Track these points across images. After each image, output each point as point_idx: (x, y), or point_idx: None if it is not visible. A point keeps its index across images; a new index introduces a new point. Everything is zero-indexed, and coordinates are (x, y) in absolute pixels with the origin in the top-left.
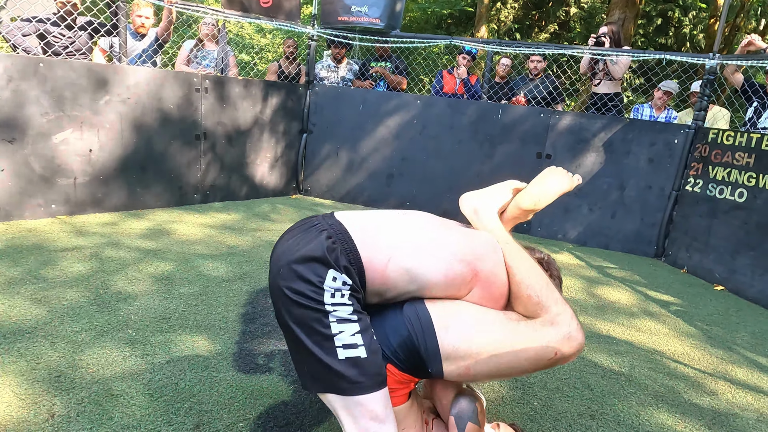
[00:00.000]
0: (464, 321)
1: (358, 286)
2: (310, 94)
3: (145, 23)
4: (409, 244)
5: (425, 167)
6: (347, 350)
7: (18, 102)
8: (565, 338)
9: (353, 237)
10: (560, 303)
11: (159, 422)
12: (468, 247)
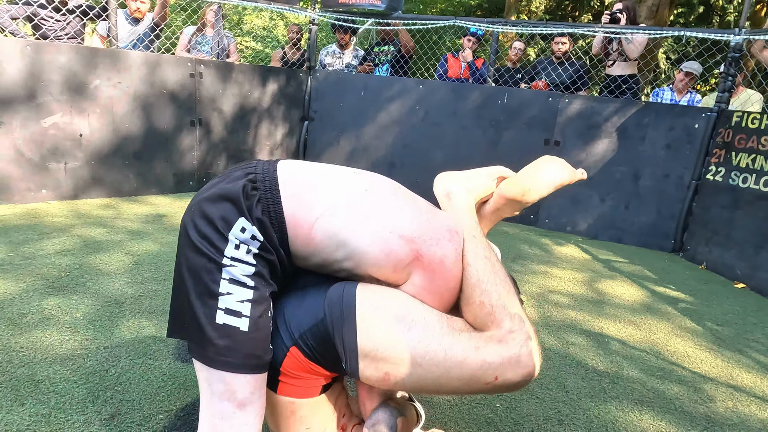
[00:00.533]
0: (394, 317)
1: (272, 246)
2: (311, 81)
3: (140, 8)
4: (347, 206)
5: (427, 155)
6: (228, 316)
7: (5, 85)
8: (511, 362)
9: (281, 188)
10: (517, 319)
11: (71, 411)
12: (417, 225)
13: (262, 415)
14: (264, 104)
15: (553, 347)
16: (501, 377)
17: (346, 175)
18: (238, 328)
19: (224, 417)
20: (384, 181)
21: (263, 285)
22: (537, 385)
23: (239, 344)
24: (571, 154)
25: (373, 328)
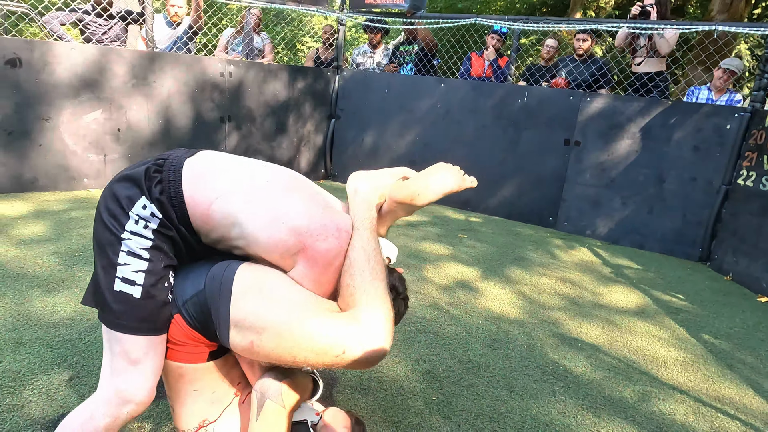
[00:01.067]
0: (265, 292)
1: (171, 223)
2: (338, 80)
3: (178, 12)
4: (246, 192)
5: (447, 154)
6: (123, 284)
7: (53, 84)
8: (359, 340)
9: (184, 173)
10: (377, 308)
11: (39, 371)
12: (307, 219)
13: (157, 373)
14: (292, 102)
15: (518, 347)
16: (348, 352)
17: (253, 167)
18: (132, 295)
19: (120, 373)
20: (288, 177)
21: (160, 258)
22: (483, 382)
23: (133, 309)
24: (592, 155)
25: (243, 302)
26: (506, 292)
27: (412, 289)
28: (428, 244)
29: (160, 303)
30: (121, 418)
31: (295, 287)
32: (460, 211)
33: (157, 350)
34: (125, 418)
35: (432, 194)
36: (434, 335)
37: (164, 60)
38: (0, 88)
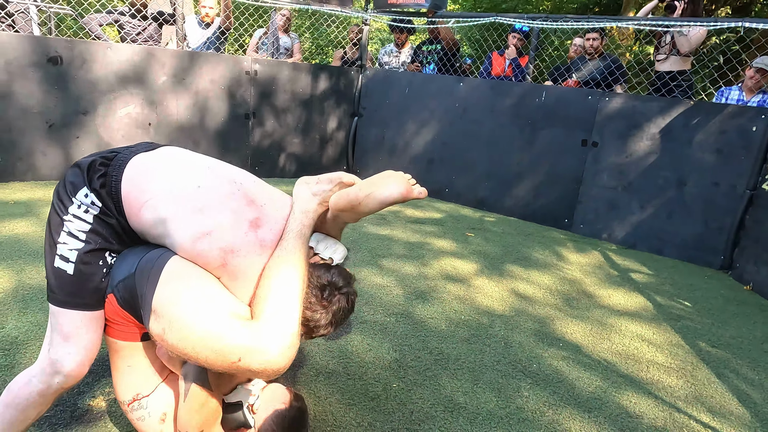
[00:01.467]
0: (185, 285)
1: (111, 212)
2: (361, 78)
3: (209, 13)
4: (174, 198)
5: (464, 153)
6: (60, 261)
7: (90, 80)
8: (255, 349)
9: (126, 170)
10: (283, 319)
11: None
12: (232, 236)
13: (89, 348)
14: (315, 100)
15: (495, 343)
16: (243, 360)
17: (191, 170)
18: (66, 271)
19: (54, 345)
20: (226, 182)
21: (97, 241)
22: (448, 374)
23: (65, 285)
24: (610, 156)
25: (164, 290)
26: (499, 289)
27: (403, 282)
28: (432, 240)
29: (91, 282)
30: (53, 387)
31: (214, 289)
32: (475, 210)
33: (90, 327)
34: (56, 388)
35: (374, 204)
36: (413, 326)
37: (194, 58)
38: (43, 83)
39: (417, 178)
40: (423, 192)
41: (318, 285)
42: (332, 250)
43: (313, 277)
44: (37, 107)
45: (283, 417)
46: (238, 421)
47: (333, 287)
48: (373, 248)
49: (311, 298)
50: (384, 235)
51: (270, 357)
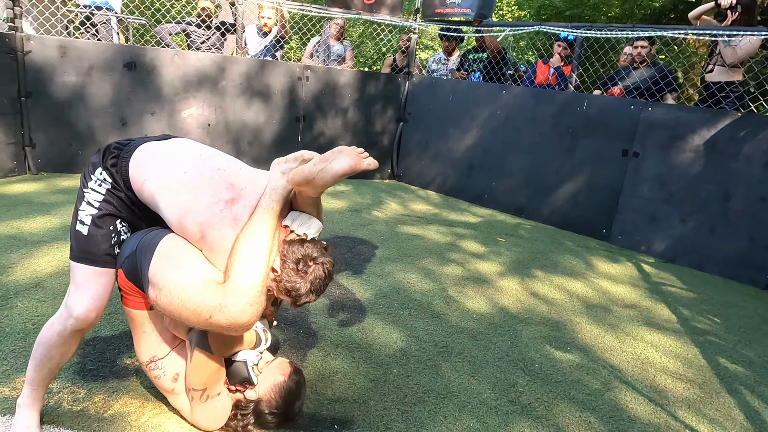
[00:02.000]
0: (172, 256)
1: (120, 187)
2: (408, 85)
3: (267, 23)
4: (166, 180)
5: (504, 160)
6: (79, 224)
7: (158, 84)
8: (220, 307)
9: (134, 155)
10: (245, 280)
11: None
12: (208, 212)
13: (97, 297)
14: (362, 105)
15: (501, 341)
16: (213, 317)
17: (183, 158)
18: (81, 232)
19: (70, 294)
20: (210, 169)
21: (108, 208)
22: (448, 365)
23: (80, 243)
24: (651, 167)
25: (157, 264)
26: (519, 292)
27: (424, 279)
28: (463, 242)
29: (101, 242)
30: (67, 329)
31: (196, 259)
32: (512, 217)
33: (97, 280)
34: (70, 330)
35: (328, 177)
36: (425, 321)
37: (251, 65)
38: (119, 86)
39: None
40: (372, 163)
41: (293, 259)
42: (306, 226)
43: (289, 252)
44: (112, 107)
45: (281, 387)
46: (242, 375)
47: (308, 258)
48: (403, 246)
49: (289, 271)
50: (416, 235)
51: (233, 313)
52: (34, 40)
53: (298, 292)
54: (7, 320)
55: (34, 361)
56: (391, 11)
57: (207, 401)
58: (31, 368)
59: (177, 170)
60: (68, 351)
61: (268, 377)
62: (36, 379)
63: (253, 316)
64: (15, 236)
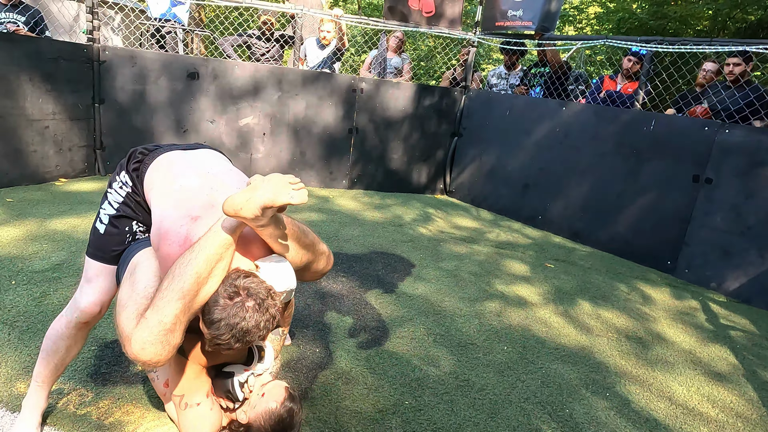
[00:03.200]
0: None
1: (138, 192)
2: (464, 99)
3: (326, 36)
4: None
5: (561, 180)
6: (98, 222)
7: (218, 93)
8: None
9: (154, 162)
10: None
11: None
12: (170, 227)
13: (102, 293)
14: (416, 118)
15: (528, 379)
16: (124, 347)
17: (186, 173)
18: (99, 230)
19: (79, 289)
20: (201, 185)
21: (126, 211)
22: (466, 402)
23: (96, 240)
24: (726, 195)
25: (125, 276)
26: (560, 323)
27: (458, 302)
28: (508, 264)
29: (113, 242)
30: (73, 321)
31: (148, 276)
32: (567, 241)
33: (106, 277)
34: (76, 322)
35: (253, 206)
36: (449, 348)
37: (307, 76)
38: (182, 95)
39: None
40: (297, 197)
41: (229, 285)
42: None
43: (230, 279)
44: (174, 114)
45: (271, 413)
46: (225, 388)
47: (243, 291)
48: (442, 266)
49: (218, 297)
50: (459, 254)
51: (134, 348)
52: (109, 51)
53: (211, 321)
54: (41, 316)
55: (42, 353)
56: (450, 24)
57: (186, 409)
58: (39, 362)
59: (175, 183)
60: (73, 346)
61: (261, 401)
62: (42, 374)
63: (155, 355)
64: (69, 234)
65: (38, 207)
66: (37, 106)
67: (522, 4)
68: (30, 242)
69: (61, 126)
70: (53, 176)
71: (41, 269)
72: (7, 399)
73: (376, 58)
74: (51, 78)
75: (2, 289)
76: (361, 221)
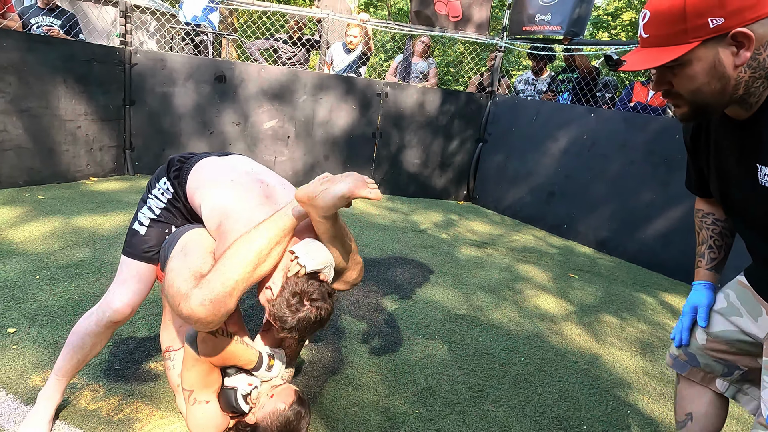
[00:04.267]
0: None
1: (179, 198)
2: (490, 105)
3: (353, 41)
4: (215, 187)
5: (588, 189)
6: (137, 224)
7: (245, 96)
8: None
9: (193, 168)
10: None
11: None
12: (231, 207)
13: (135, 294)
14: (441, 124)
15: (546, 392)
16: (180, 305)
17: (232, 171)
18: (139, 232)
19: (112, 289)
20: (253, 180)
21: (167, 216)
22: (478, 413)
23: (134, 239)
24: None
25: (175, 252)
26: (581, 336)
27: (474, 311)
28: (528, 273)
29: (152, 242)
30: (104, 320)
31: (198, 252)
32: (592, 251)
33: (140, 278)
34: (106, 321)
35: (328, 196)
36: (463, 358)
37: (332, 80)
38: (209, 98)
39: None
40: (374, 194)
41: (291, 291)
42: (310, 258)
43: (290, 283)
44: (201, 116)
45: (278, 415)
46: (229, 403)
47: (305, 296)
48: (461, 273)
49: (283, 301)
50: (479, 261)
51: (192, 304)
52: (140, 53)
53: (284, 325)
54: (60, 311)
55: (67, 348)
56: (477, 29)
57: (194, 405)
58: (62, 357)
59: (225, 179)
60: (99, 343)
61: (269, 402)
62: (63, 368)
63: (211, 314)
64: (94, 231)
65: (67, 204)
66: (70, 107)
67: (550, 8)
68: (57, 238)
69: (92, 126)
70: (84, 175)
71: (65, 265)
72: (23, 391)
73: (402, 63)
74: (84, 79)
75: (27, 284)
76: (382, 226)
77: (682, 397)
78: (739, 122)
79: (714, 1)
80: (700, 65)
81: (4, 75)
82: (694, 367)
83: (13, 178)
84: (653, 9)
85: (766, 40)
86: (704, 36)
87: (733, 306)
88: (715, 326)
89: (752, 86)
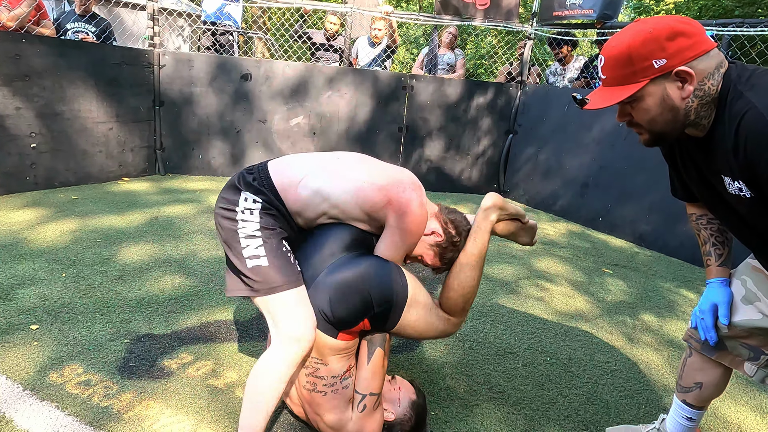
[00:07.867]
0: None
1: (272, 204)
2: (520, 95)
3: (377, 34)
4: (324, 169)
5: (625, 179)
6: (252, 261)
7: (270, 94)
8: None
9: (270, 167)
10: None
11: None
12: (385, 177)
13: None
14: (469, 116)
15: (572, 394)
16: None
17: (323, 155)
18: (262, 265)
19: (283, 324)
20: (354, 156)
21: (270, 232)
22: (498, 415)
23: (269, 274)
24: None
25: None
26: (613, 335)
27: (501, 307)
28: (561, 269)
29: (283, 261)
30: (298, 355)
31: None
32: (630, 245)
33: (303, 300)
34: (299, 356)
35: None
36: (485, 357)
37: (357, 75)
38: (235, 96)
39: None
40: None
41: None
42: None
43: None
44: (228, 115)
45: (414, 404)
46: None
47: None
48: (488, 268)
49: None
50: (508, 256)
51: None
52: (169, 55)
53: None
54: (82, 308)
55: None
56: (506, 16)
57: (377, 409)
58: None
59: (331, 159)
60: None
61: (402, 396)
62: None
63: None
64: (122, 230)
65: (99, 204)
66: (103, 109)
67: None
68: (85, 237)
69: (123, 128)
70: (116, 176)
71: (91, 263)
72: (39, 387)
73: (428, 55)
74: (114, 82)
75: (53, 281)
76: None
77: (695, 368)
78: (699, 140)
79: (655, 45)
80: (651, 99)
81: (38, 80)
82: (722, 351)
83: (50, 180)
84: (606, 55)
85: (709, 72)
86: (651, 75)
87: (751, 292)
88: (734, 316)
89: (701, 111)
